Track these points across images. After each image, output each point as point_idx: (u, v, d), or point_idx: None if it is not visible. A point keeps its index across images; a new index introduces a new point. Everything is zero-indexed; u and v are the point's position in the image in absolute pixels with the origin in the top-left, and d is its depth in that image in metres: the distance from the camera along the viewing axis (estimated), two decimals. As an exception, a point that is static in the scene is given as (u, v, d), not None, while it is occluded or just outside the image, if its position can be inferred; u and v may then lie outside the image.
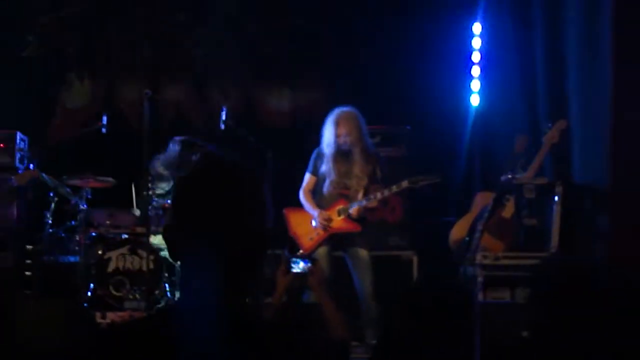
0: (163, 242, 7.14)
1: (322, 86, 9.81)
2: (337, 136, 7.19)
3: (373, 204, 7.22)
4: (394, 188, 7.19)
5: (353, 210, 7.19)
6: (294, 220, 7.44)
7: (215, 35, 9.63)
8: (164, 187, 8.26)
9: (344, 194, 7.28)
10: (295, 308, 5.04)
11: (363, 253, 7.21)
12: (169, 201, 7.93)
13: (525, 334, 3.12)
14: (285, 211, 7.48)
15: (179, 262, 3.59)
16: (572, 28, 7.76)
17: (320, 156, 7.37)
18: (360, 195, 7.23)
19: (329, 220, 7.26)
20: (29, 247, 8.44)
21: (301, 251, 7.31)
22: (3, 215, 8.47)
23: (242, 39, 9.66)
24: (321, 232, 7.29)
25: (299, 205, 7.44)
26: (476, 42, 9.33)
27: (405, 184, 7.18)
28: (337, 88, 9.42)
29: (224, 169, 2.33)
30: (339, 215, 7.25)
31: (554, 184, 7.20)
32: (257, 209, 2.33)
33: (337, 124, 7.19)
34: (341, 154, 7.23)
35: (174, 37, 9.62)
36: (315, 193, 7.41)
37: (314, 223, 7.32)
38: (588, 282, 2.69)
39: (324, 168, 7.28)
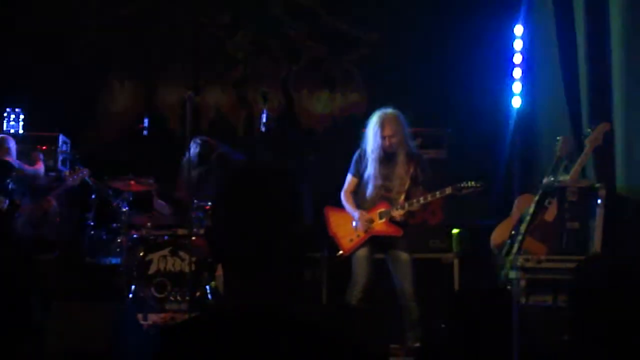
0: None
1: (362, 88, 9.80)
2: (382, 138, 7.16)
3: (415, 208, 7.21)
4: (438, 194, 7.17)
5: (395, 213, 7.17)
6: (335, 221, 7.44)
7: (257, 38, 9.65)
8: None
9: (386, 196, 7.26)
10: (335, 310, 5.04)
11: (404, 256, 7.18)
12: (209, 203, 7.96)
13: (566, 337, 3.10)
14: (325, 210, 7.48)
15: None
16: (615, 29, 7.68)
17: (362, 158, 7.35)
18: (402, 198, 7.21)
19: (370, 221, 7.24)
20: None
21: (341, 252, 7.31)
22: (46, 218, 8.53)
23: (283, 42, 9.67)
24: (362, 233, 7.28)
25: (340, 206, 7.43)
26: (518, 44, 9.27)
27: (449, 190, 7.15)
28: (378, 90, 9.40)
29: (260, 171, 2.32)
30: (381, 218, 7.24)
31: (596, 186, 7.13)
32: (294, 210, 2.32)
33: (382, 125, 7.17)
34: (385, 156, 7.21)
35: (215, 39, 9.66)
36: (358, 195, 7.39)
37: (354, 224, 7.31)
38: (631, 284, 2.66)
39: (368, 170, 7.27)
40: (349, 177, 7.44)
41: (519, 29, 9.28)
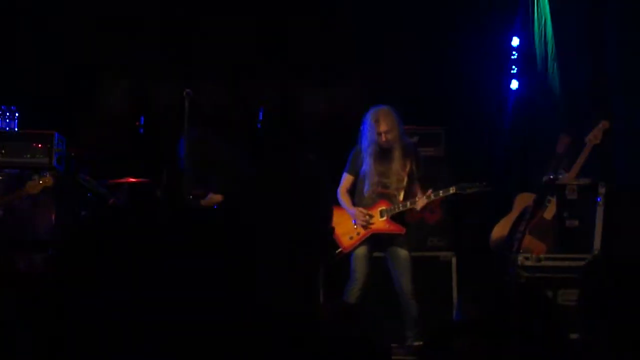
0: None
1: (358, 86, 9.76)
2: (378, 134, 7.13)
3: (417, 207, 7.19)
4: (441, 193, 7.16)
5: (419, 203, 7.12)
6: (334, 219, 7.41)
7: (252, 36, 9.61)
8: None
9: (384, 193, 7.24)
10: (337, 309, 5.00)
11: (403, 253, 7.17)
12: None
13: (575, 336, 3.06)
14: None
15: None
16: (614, 26, 7.66)
17: (358, 155, 7.33)
18: (401, 195, 7.19)
19: (370, 217, 7.21)
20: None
21: (340, 250, 7.28)
22: (41, 217, 8.48)
23: (279, 39, 9.63)
24: (362, 231, 7.25)
25: (338, 204, 7.40)
26: (515, 40, 9.24)
27: (452, 190, 7.13)
28: (374, 88, 9.36)
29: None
30: (382, 216, 7.21)
31: (596, 184, 7.11)
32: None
33: (377, 121, 7.14)
34: (381, 152, 7.19)
35: (211, 36, 9.62)
36: (355, 192, 7.37)
37: (354, 222, 7.28)
38: (634, 283, 2.64)
39: (364, 167, 7.25)
40: (345, 175, 7.42)
41: (516, 25, 9.26)
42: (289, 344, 2.09)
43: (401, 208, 7.17)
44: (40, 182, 8.01)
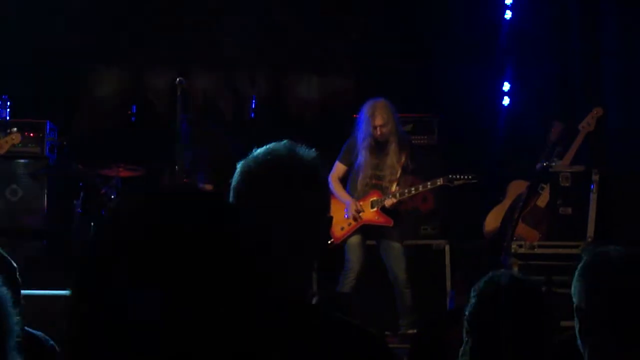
0: None
1: (351, 74, 9.74)
2: (373, 127, 7.12)
3: (406, 197, 7.21)
4: (429, 185, 7.18)
5: (388, 202, 7.14)
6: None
7: (245, 23, 9.57)
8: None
9: (377, 184, 7.24)
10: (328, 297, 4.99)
11: (396, 245, 7.17)
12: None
13: (566, 323, 3.06)
14: None
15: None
16: (609, 11, 7.65)
17: (353, 146, 7.32)
18: (394, 186, 7.19)
19: (361, 210, 7.21)
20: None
21: (332, 240, 7.27)
22: (33, 205, 8.46)
23: (272, 27, 9.60)
24: (352, 222, 7.25)
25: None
26: (509, 27, 9.22)
27: (440, 181, 7.15)
28: (368, 76, 9.34)
29: (295, 163, 2.25)
30: (373, 207, 7.22)
31: (590, 172, 7.09)
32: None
33: (373, 115, 7.12)
34: (377, 145, 7.18)
35: (203, 24, 9.57)
36: (349, 183, 7.36)
37: (345, 212, 7.27)
38: (626, 272, 2.63)
39: (359, 160, 7.24)
40: (337, 163, 7.41)
41: (508, 14, 9.24)
42: (282, 332, 2.06)
43: (391, 198, 7.15)
44: (6, 141, 7.95)
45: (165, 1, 9.65)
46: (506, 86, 9.23)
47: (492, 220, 7.66)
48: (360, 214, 7.21)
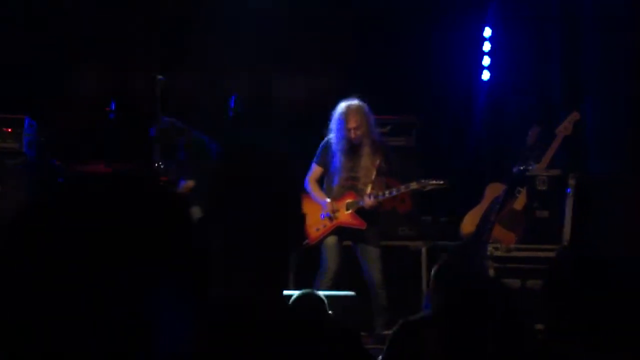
0: None
1: (334, 74, 9.75)
2: (347, 130, 7.15)
3: (383, 200, 7.23)
4: (402, 188, 7.22)
5: (367, 202, 7.15)
6: (304, 209, 7.41)
7: (228, 20, 9.56)
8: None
9: (352, 185, 7.27)
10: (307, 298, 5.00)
11: (371, 249, 7.20)
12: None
13: (540, 326, 3.09)
14: None
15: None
16: (588, 16, 7.69)
17: (328, 148, 7.35)
18: (368, 188, 7.21)
19: (336, 211, 7.24)
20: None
21: (306, 242, 7.29)
22: (13, 201, 8.42)
23: (257, 25, 9.59)
24: (328, 223, 7.28)
25: (306, 194, 7.42)
26: (487, 31, 9.25)
27: (413, 185, 7.18)
28: (349, 77, 9.35)
29: (260, 155, 2.26)
30: (348, 209, 7.25)
31: (566, 176, 7.15)
32: (294, 195, 2.29)
33: (347, 117, 7.15)
34: (351, 148, 7.20)
35: (185, 20, 9.56)
36: (324, 185, 7.39)
37: (321, 213, 7.29)
38: (602, 276, 2.65)
39: (334, 162, 7.26)
40: (314, 166, 7.45)
41: (488, 17, 9.27)
42: (257, 332, 2.08)
43: (371, 199, 7.16)
44: None
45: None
46: (485, 89, 9.26)
47: (469, 223, 7.69)
48: (336, 215, 7.24)
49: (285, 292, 2.38)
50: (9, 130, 8.49)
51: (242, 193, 2.18)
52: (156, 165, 7.55)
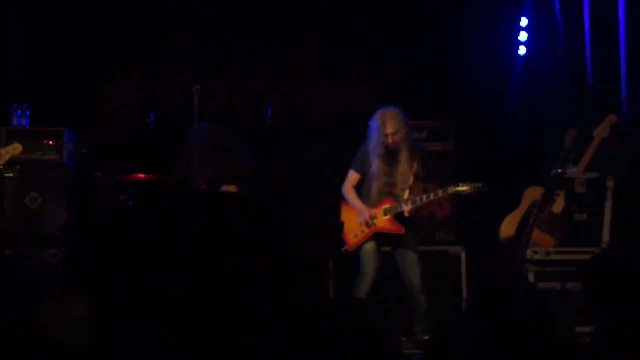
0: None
1: (366, 83, 9.77)
2: (385, 136, 7.19)
3: (423, 204, 7.25)
4: (440, 193, 7.23)
5: (406, 208, 7.17)
6: (343, 216, 7.46)
7: (263, 31, 9.63)
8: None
9: (390, 192, 7.29)
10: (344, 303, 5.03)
11: (411, 253, 7.21)
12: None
13: (582, 329, 3.09)
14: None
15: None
16: (623, 19, 7.67)
17: (366, 155, 7.38)
18: (406, 194, 7.23)
19: (374, 218, 7.26)
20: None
21: (345, 248, 7.34)
22: (53, 213, 8.53)
23: (290, 36, 9.65)
24: (366, 229, 7.30)
25: (344, 201, 7.46)
26: (523, 36, 9.23)
27: (451, 189, 7.18)
28: (384, 84, 9.38)
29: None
30: (386, 215, 7.26)
31: (605, 178, 7.12)
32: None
33: (384, 124, 7.19)
34: (388, 154, 7.24)
35: (221, 32, 9.63)
36: (362, 191, 7.42)
37: (360, 220, 7.32)
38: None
39: (372, 168, 7.30)
40: (351, 172, 7.49)
41: (524, 21, 9.25)
42: (299, 338, 2.12)
43: (409, 205, 7.18)
44: (7, 151, 7.99)
45: (182, 8, 9.71)
46: (522, 92, 9.22)
47: (508, 227, 7.67)
48: (374, 221, 7.26)
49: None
50: (50, 142, 8.60)
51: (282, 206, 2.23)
52: (196, 171, 7.60)
